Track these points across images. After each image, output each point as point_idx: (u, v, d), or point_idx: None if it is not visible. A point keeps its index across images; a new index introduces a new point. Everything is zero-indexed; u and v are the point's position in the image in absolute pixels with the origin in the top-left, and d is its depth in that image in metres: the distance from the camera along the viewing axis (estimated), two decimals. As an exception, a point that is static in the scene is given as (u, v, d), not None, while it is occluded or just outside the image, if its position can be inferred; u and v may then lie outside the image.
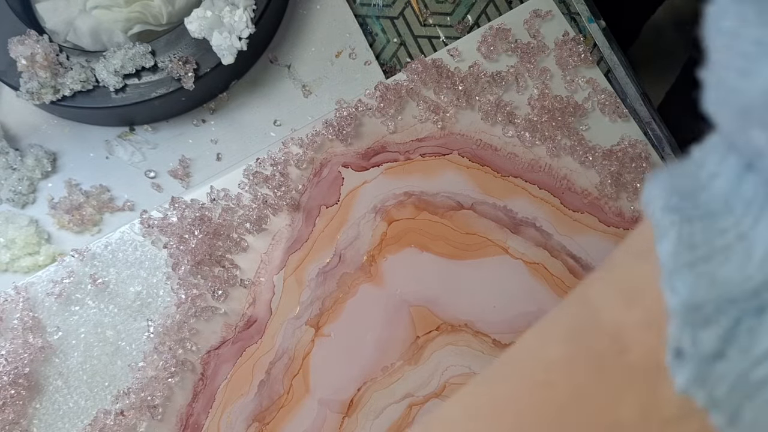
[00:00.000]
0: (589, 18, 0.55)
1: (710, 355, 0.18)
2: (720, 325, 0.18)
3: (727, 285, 0.18)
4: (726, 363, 0.18)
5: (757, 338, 0.18)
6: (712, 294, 0.18)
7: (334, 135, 0.50)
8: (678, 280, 0.19)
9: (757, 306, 0.18)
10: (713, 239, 0.19)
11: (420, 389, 0.46)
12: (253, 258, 0.49)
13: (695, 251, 0.19)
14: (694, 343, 0.18)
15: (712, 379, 0.18)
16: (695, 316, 0.18)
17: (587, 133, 0.51)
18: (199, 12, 0.47)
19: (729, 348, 0.18)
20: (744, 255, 0.18)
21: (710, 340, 0.18)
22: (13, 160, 0.51)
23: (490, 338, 0.47)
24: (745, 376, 0.18)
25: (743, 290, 0.18)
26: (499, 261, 0.49)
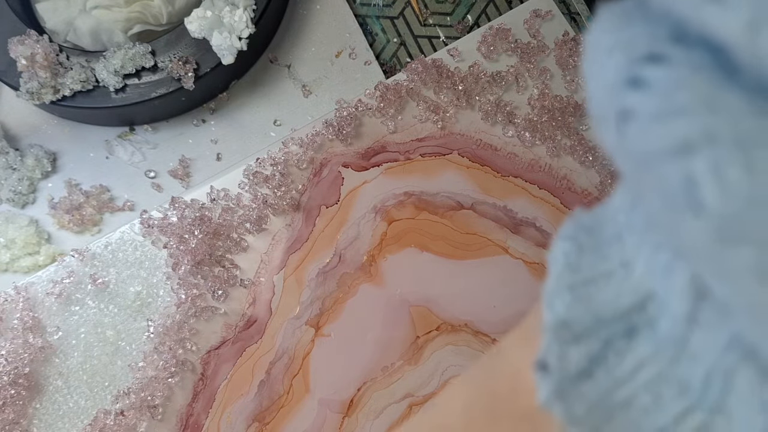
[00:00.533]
0: (589, 18, 0.55)
1: (576, 373, 0.19)
2: (589, 345, 0.19)
3: (602, 306, 0.19)
4: (590, 382, 0.19)
5: (623, 361, 0.18)
6: (586, 314, 0.19)
7: (334, 135, 0.51)
8: (556, 298, 0.19)
9: (626, 328, 0.19)
10: (598, 265, 0.19)
11: (420, 389, 0.46)
12: (253, 258, 0.49)
13: (578, 274, 0.19)
14: (560, 358, 0.19)
15: (573, 396, 0.19)
16: (565, 333, 0.19)
17: (587, 133, 0.51)
18: (199, 12, 0.47)
19: (596, 368, 0.19)
20: (622, 279, 0.19)
21: (578, 358, 0.19)
22: (13, 160, 0.51)
23: (490, 338, 0.47)
24: (608, 396, 0.18)
25: (615, 311, 0.19)
26: (499, 261, 0.49)
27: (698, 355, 0.17)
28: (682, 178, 0.14)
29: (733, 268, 0.14)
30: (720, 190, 0.14)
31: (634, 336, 0.19)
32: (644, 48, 0.15)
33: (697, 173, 0.14)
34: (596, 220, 0.20)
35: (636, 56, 0.16)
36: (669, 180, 0.15)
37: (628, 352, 0.18)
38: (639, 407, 0.18)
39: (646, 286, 0.19)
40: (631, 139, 0.16)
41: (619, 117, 0.16)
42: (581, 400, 0.18)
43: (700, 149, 0.14)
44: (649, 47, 0.15)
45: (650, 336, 0.18)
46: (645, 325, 0.18)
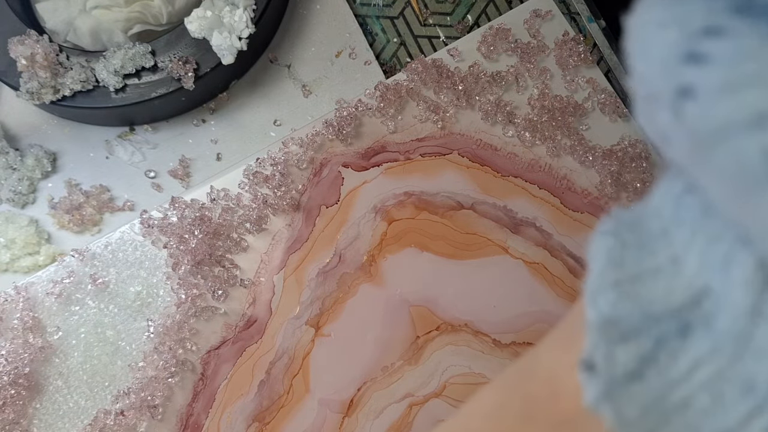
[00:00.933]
0: (589, 18, 0.55)
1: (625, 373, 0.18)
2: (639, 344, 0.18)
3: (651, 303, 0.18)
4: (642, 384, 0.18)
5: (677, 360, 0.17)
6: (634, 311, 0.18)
7: (334, 135, 0.51)
8: (600, 296, 0.19)
9: (680, 326, 0.18)
10: (644, 261, 0.19)
11: (420, 389, 0.46)
12: (253, 258, 0.49)
13: (623, 271, 0.19)
14: (608, 358, 0.18)
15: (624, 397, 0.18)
16: (612, 332, 0.18)
17: (587, 133, 0.51)
18: (199, 12, 0.47)
19: (646, 369, 0.18)
20: (673, 275, 0.18)
21: (627, 358, 0.18)
22: (13, 160, 0.51)
23: (490, 338, 0.47)
24: (662, 398, 0.17)
25: (666, 309, 0.18)
26: (499, 261, 0.49)
27: (765, 351, 0.16)
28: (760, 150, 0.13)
29: None
30: None
31: (689, 334, 0.18)
32: (701, 21, 0.15)
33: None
34: (638, 216, 0.20)
35: (693, 30, 0.15)
36: (743, 155, 0.14)
37: (683, 351, 0.17)
38: (698, 409, 0.17)
39: (701, 281, 0.18)
40: (691, 117, 0.15)
41: (677, 94, 0.15)
42: (633, 401, 0.18)
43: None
44: (707, 20, 0.15)
45: (707, 333, 0.17)
46: (700, 323, 0.17)
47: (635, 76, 0.17)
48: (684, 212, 0.18)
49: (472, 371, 0.47)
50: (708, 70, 0.14)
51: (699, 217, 0.18)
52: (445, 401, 0.46)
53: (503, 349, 0.47)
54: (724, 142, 0.14)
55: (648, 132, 0.18)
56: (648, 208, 0.20)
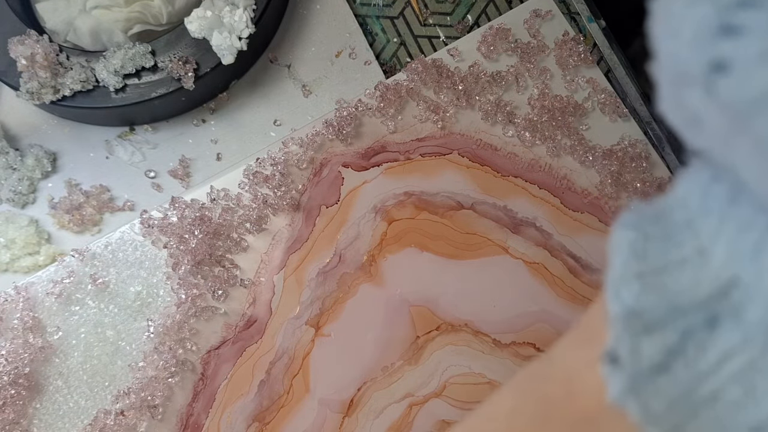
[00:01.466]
0: (589, 18, 0.55)
1: (650, 366, 0.17)
2: (665, 337, 0.17)
3: (677, 295, 0.18)
4: (668, 377, 0.17)
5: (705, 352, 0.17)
6: (659, 303, 0.18)
7: (334, 135, 0.51)
8: (624, 288, 0.18)
9: (708, 318, 0.17)
10: (669, 252, 0.18)
11: (420, 389, 0.46)
12: (253, 258, 0.49)
13: (647, 263, 0.18)
14: (632, 351, 0.18)
15: (650, 391, 0.17)
16: (636, 324, 0.18)
17: (587, 133, 0.51)
18: (199, 12, 0.47)
19: (673, 361, 0.17)
20: (699, 267, 0.18)
21: (653, 351, 0.17)
22: (13, 160, 0.51)
23: (490, 338, 0.47)
24: (690, 391, 0.17)
25: (693, 300, 0.17)
26: (499, 261, 0.49)
27: None
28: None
29: None
30: None
31: (717, 325, 0.17)
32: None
33: None
34: (662, 209, 0.19)
35: (726, 3, 0.15)
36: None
37: (711, 342, 0.17)
38: (728, 402, 0.17)
39: (729, 272, 0.17)
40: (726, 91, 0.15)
41: (710, 70, 0.15)
42: (659, 395, 0.17)
43: None
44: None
45: (736, 324, 0.17)
46: (729, 314, 0.17)
47: (662, 57, 0.17)
48: (711, 202, 0.18)
49: (472, 371, 0.47)
50: (744, 41, 0.14)
51: (727, 205, 0.17)
52: (445, 401, 0.46)
53: (503, 349, 0.47)
54: (762, 112, 0.14)
55: (673, 119, 0.17)
56: (672, 199, 0.19)
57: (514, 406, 0.22)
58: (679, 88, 0.16)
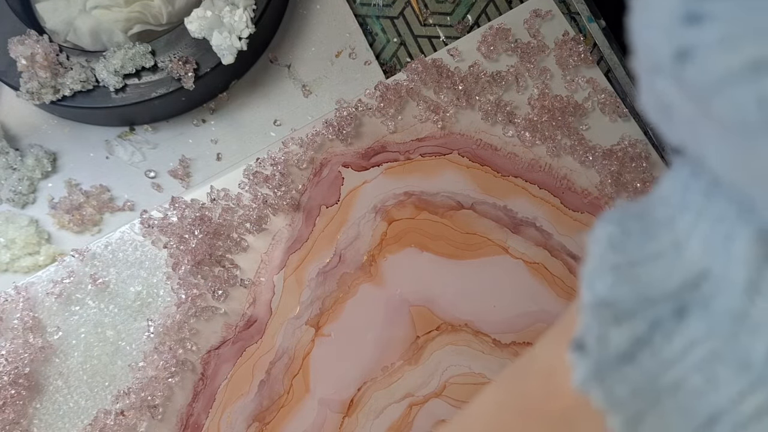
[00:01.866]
0: (589, 18, 0.55)
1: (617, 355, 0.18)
2: (634, 327, 0.18)
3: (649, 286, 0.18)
4: (633, 365, 0.18)
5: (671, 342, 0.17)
6: (630, 294, 0.18)
7: (334, 135, 0.51)
8: (598, 279, 0.19)
9: (676, 308, 0.18)
10: (646, 246, 0.19)
11: (420, 389, 0.46)
12: (253, 258, 0.49)
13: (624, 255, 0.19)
14: (600, 339, 0.18)
15: (614, 378, 0.18)
16: (606, 313, 0.18)
17: (587, 133, 0.51)
18: (199, 12, 0.47)
19: (639, 351, 0.18)
20: (673, 260, 0.18)
21: (620, 339, 0.18)
22: (13, 160, 0.51)
23: (490, 338, 0.47)
24: (654, 379, 0.17)
25: (663, 291, 0.18)
26: (499, 261, 0.49)
27: (761, 327, 0.16)
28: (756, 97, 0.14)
29: None
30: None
31: (685, 316, 0.17)
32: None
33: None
34: (645, 206, 0.20)
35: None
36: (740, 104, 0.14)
37: (677, 332, 0.17)
38: (690, 389, 0.17)
39: (701, 264, 0.18)
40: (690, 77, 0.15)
41: (676, 58, 0.15)
42: (623, 382, 0.17)
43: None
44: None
45: (703, 315, 0.17)
46: (697, 304, 0.17)
47: (637, 49, 0.17)
48: (689, 197, 0.18)
49: (472, 371, 0.47)
50: (706, 28, 0.15)
51: (703, 200, 0.18)
52: (445, 401, 0.46)
53: (503, 349, 0.47)
54: (721, 94, 0.14)
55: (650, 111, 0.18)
56: (654, 196, 0.20)
57: (499, 402, 0.22)
58: (651, 78, 0.17)
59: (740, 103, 0.14)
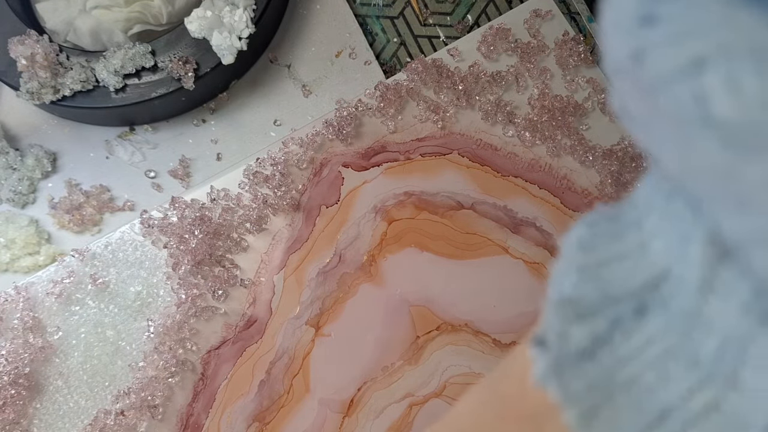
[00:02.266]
0: (589, 18, 0.55)
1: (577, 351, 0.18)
2: (595, 324, 0.18)
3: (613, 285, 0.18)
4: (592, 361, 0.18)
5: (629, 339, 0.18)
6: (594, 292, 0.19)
7: (334, 135, 0.51)
8: (564, 277, 0.19)
9: (636, 307, 0.18)
10: (614, 247, 0.19)
11: (420, 389, 0.46)
12: (253, 258, 0.49)
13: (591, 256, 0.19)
14: (560, 335, 0.18)
15: (571, 373, 0.18)
16: (568, 311, 0.18)
17: (587, 133, 0.51)
18: (199, 12, 0.47)
19: (599, 348, 0.18)
20: (638, 260, 0.18)
21: (580, 337, 0.18)
22: (13, 160, 0.51)
23: (491, 338, 0.47)
24: (610, 375, 0.18)
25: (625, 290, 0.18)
26: (500, 261, 0.49)
27: (712, 325, 0.17)
28: (693, 94, 0.14)
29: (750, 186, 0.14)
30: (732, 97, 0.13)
31: (644, 315, 0.18)
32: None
33: (707, 87, 0.14)
34: (619, 210, 0.20)
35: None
36: (681, 102, 0.14)
37: (636, 330, 0.18)
38: (643, 386, 0.18)
39: (662, 264, 0.18)
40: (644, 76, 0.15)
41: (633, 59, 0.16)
42: (580, 378, 0.18)
43: (712, 63, 0.14)
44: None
45: (661, 314, 0.18)
46: (657, 303, 0.18)
47: (604, 52, 0.18)
48: (656, 200, 0.19)
49: (473, 371, 0.47)
50: (657, 28, 0.15)
51: (665, 201, 0.18)
52: (445, 401, 0.46)
53: (503, 349, 0.47)
54: (665, 91, 0.15)
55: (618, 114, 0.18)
56: (628, 200, 0.20)
57: (478, 404, 0.23)
58: (615, 79, 0.17)
59: (679, 100, 0.15)
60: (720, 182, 0.15)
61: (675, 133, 0.15)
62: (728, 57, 0.14)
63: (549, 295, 0.19)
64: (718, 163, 0.14)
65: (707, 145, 0.14)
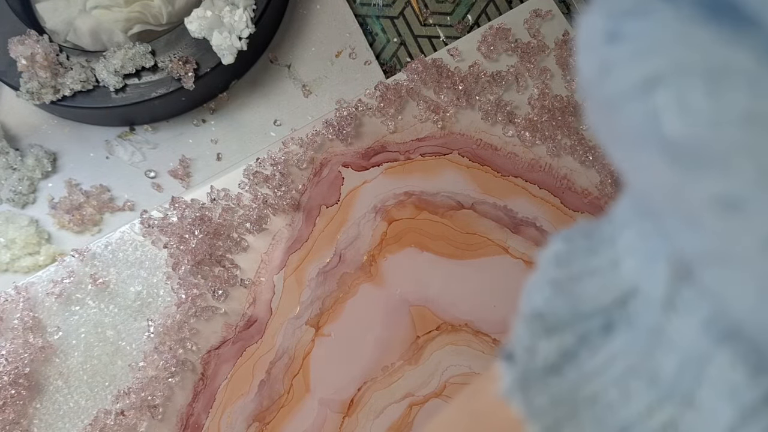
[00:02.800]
0: (589, 18, 0.55)
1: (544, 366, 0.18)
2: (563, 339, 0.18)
3: (582, 301, 0.19)
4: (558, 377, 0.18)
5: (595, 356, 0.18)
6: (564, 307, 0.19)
7: (334, 135, 0.51)
8: (536, 291, 0.19)
9: (604, 324, 0.18)
10: (587, 263, 0.19)
11: (420, 389, 0.46)
12: (253, 258, 0.49)
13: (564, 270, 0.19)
14: (528, 350, 0.18)
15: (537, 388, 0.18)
16: (537, 325, 0.19)
17: (587, 133, 0.51)
18: (199, 12, 0.47)
19: (566, 363, 0.18)
20: (609, 276, 0.19)
21: (548, 351, 0.18)
22: (13, 160, 0.51)
23: (491, 338, 0.47)
24: (574, 391, 0.18)
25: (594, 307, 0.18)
26: (500, 261, 0.49)
27: (673, 343, 0.17)
28: (645, 112, 0.14)
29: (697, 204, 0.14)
30: (680, 115, 0.13)
31: (611, 332, 0.18)
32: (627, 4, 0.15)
33: (659, 104, 0.14)
34: (596, 226, 0.20)
35: (616, 12, 0.16)
36: (634, 119, 0.15)
37: (602, 347, 0.18)
38: (605, 402, 0.18)
39: (630, 282, 0.18)
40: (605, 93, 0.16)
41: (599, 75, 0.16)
42: (545, 393, 0.18)
43: (664, 81, 0.14)
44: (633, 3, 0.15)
45: (627, 331, 0.18)
46: (623, 321, 0.18)
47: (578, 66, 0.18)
48: (629, 216, 0.19)
49: (473, 371, 0.47)
50: (621, 44, 0.15)
51: (637, 219, 0.19)
52: (445, 401, 0.46)
53: (503, 349, 0.47)
54: (622, 108, 0.15)
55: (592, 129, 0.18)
56: (607, 216, 0.21)
57: (451, 420, 0.23)
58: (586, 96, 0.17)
59: (633, 117, 0.15)
60: (670, 200, 0.15)
61: (630, 150, 0.15)
62: (681, 75, 0.14)
63: (521, 308, 0.19)
64: (667, 181, 0.14)
65: (656, 162, 0.14)
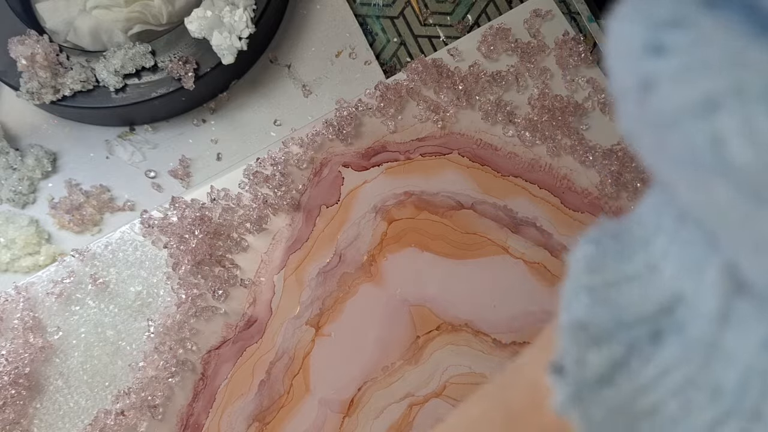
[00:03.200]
0: (589, 17, 0.55)
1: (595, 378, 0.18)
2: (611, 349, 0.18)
3: (625, 309, 0.18)
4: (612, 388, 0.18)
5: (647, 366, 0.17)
6: (607, 316, 0.18)
7: (334, 135, 0.50)
8: (574, 299, 0.19)
9: (652, 332, 0.18)
10: (622, 268, 0.19)
11: (420, 389, 0.46)
12: (253, 258, 0.49)
13: (600, 276, 0.19)
14: (578, 362, 0.18)
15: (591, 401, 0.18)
16: (583, 336, 0.18)
17: (587, 133, 0.51)
18: (199, 12, 0.47)
19: (617, 374, 0.18)
20: (648, 282, 0.18)
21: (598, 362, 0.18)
22: (13, 160, 0.51)
23: (491, 338, 0.47)
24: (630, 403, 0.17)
25: (639, 315, 0.18)
26: (500, 261, 0.49)
27: (732, 356, 0.16)
28: (708, 137, 0.14)
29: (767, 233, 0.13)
30: (749, 143, 0.13)
31: (660, 340, 0.18)
32: (667, 14, 0.15)
33: (724, 129, 0.13)
34: (624, 226, 0.20)
35: (657, 22, 0.15)
36: (694, 142, 0.14)
37: (653, 357, 0.17)
38: (666, 415, 0.17)
39: (675, 288, 0.18)
40: (653, 109, 0.15)
41: (641, 87, 0.15)
42: (600, 405, 0.18)
43: (726, 104, 0.13)
44: (673, 13, 0.15)
45: (678, 340, 0.17)
46: (672, 329, 0.17)
47: (610, 74, 0.17)
48: (664, 220, 0.18)
49: (473, 371, 0.47)
50: (667, 59, 0.15)
51: (675, 224, 0.18)
52: (445, 401, 0.46)
53: (503, 349, 0.47)
54: (676, 130, 0.14)
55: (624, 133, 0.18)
56: (633, 217, 0.20)
57: (480, 414, 0.22)
58: (622, 104, 0.17)
59: (692, 139, 0.14)
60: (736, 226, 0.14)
61: (686, 170, 0.15)
62: (742, 98, 0.13)
63: (561, 318, 0.19)
64: (733, 208, 0.14)
65: (722, 189, 0.14)
